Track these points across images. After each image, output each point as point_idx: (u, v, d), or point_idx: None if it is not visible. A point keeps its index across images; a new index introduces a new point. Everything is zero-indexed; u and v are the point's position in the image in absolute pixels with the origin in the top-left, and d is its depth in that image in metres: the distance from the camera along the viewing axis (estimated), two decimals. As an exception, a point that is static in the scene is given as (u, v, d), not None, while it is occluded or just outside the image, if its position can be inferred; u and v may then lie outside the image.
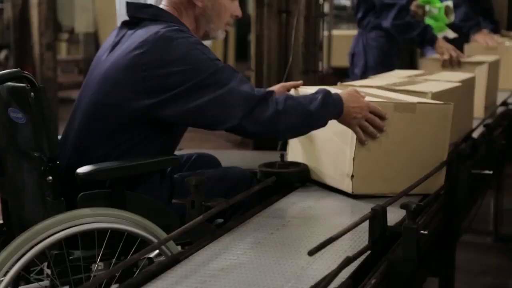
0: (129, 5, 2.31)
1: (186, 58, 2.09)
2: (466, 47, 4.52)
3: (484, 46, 4.61)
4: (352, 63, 4.51)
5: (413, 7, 4.46)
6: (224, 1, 2.31)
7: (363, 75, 4.28)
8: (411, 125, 2.23)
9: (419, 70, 3.24)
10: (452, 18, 4.55)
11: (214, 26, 2.32)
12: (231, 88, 2.07)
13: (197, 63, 2.09)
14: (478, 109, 3.48)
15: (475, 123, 3.21)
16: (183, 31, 2.18)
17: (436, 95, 2.50)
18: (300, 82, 2.54)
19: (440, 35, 4.43)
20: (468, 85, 2.95)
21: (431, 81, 2.79)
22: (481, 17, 5.27)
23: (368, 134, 2.20)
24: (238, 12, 2.35)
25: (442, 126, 2.26)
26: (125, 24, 2.31)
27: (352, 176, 2.23)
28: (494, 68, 3.80)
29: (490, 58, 3.83)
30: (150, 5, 2.33)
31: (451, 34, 4.63)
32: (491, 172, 2.61)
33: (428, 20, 4.50)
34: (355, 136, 2.22)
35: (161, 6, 2.31)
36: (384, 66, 4.30)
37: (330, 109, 2.16)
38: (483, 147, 2.85)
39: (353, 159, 2.22)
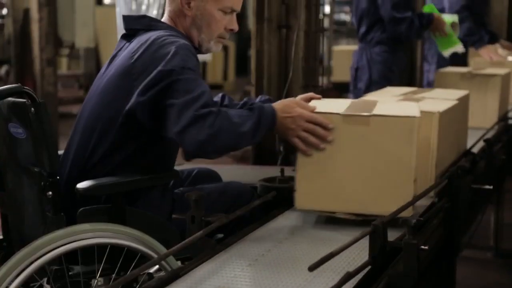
0: (124, 18, 2.36)
1: (168, 62, 2.10)
2: (472, 61, 4.53)
3: (491, 61, 4.63)
4: (356, 78, 4.52)
5: None
6: (213, 11, 2.29)
7: (367, 89, 4.30)
8: (366, 139, 2.03)
9: (410, 88, 3.12)
10: (456, 34, 4.56)
11: (204, 36, 2.31)
12: (186, 100, 2.04)
13: (173, 67, 2.09)
14: (492, 121, 3.52)
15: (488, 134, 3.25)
16: (172, 36, 2.20)
17: (442, 115, 2.37)
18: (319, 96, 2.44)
19: (450, 50, 4.49)
20: (464, 103, 2.85)
21: (429, 99, 2.67)
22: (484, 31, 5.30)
23: (310, 145, 2.08)
24: (233, 26, 2.33)
25: (405, 141, 2.00)
26: (123, 37, 2.35)
27: (295, 190, 2.11)
28: (506, 81, 3.82)
29: (502, 71, 3.82)
30: (144, 16, 2.37)
31: (461, 49, 4.66)
32: (491, 187, 2.61)
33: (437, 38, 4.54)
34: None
35: (154, 13, 2.35)
36: (388, 80, 4.31)
37: (263, 124, 2.09)
38: (483, 162, 2.84)
39: (296, 172, 2.10)
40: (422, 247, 1.75)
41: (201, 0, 2.28)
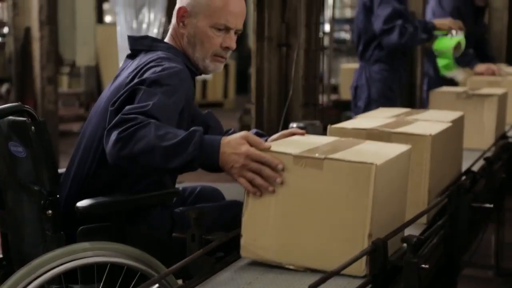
0: (129, 39, 2.37)
1: (149, 81, 2.08)
2: (469, 81, 4.48)
3: (487, 78, 4.56)
4: (355, 96, 4.53)
5: None
6: (205, 29, 2.26)
7: (367, 108, 4.31)
8: (318, 184, 1.81)
9: (404, 109, 2.96)
10: (459, 53, 4.56)
11: (199, 55, 2.29)
12: (127, 108, 1.99)
13: (146, 77, 2.08)
14: (488, 142, 3.44)
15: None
16: (169, 59, 2.19)
17: (435, 138, 2.29)
18: (302, 132, 2.28)
19: (449, 75, 4.51)
20: (458, 125, 2.75)
21: (422, 121, 2.56)
22: (473, 50, 5.31)
23: (257, 186, 1.86)
24: (228, 43, 2.29)
25: (361, 190, 1.77)
26: (128, 57, 2.37)
27: (241, 235, 1.91)
28: (503, 101, 3.73)
29: (499, 91, 3.74)
30: (146, 37, 2.37)
31: (460, 76, 4.68)
32: (491, 205, 2.60)
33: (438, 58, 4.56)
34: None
35: (155, 32, 2.36)
36: (387, 99, 4.32)
37: (190, 150, 1.89)
38: (483, 181, 2.84)
39: (242, 216, 1.89)
40: (423, 265, 1.75)
41: (193, 17, 2.27)
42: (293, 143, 2.02)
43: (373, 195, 1.76)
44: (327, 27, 8.40)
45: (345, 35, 10.54)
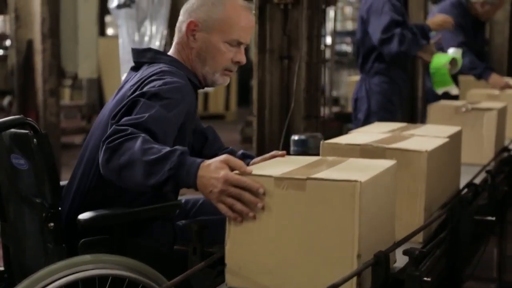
0: (133, 51, 2.37)
1: (149, 94, 2.07)
2: (467, 94, 4.44)
3: (486, 92, 4.52)
4: (356, 108, 4.53)
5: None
6: (219, 44, 2.26)
7: (366, 120, 4.31)
8: (301, 206, 1.74)
9: (401, 123, 2.89)
10: (456, 69, 4.56)
11: (209, 69, 2.29)
12: (128, 119, 1.99)
13: (146, 90, 2.08)
14: (488, 157, 3.37)
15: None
16: (172, 73, 2.19)
17: (431, 154, 2.21)
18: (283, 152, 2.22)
19: (443, 89, 4.51)
20: (456, 140, 2.66)
21: (418, 136, 2.49)
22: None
23: (237, 212, 1.79)
24: (240, 58, 2.30)
25: (347, 209, 1.70)
26: (132, 69, 2.37)
27: (225, 264, 1.84)
28: (502, 115, 3.65)
29: (498, 104, 3.66)
30: (149, 49, 2.37)
31: (455, 91, 4.68)
32: (494, 218, 2.60)
33: (432, 70, 4.54)
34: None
35: (157, 44, 2.36)
36: (387, 111, 4.32)
37: (167, 169, 1.83)
38: (485, 193, 2.84)
39: (225, 244, 1.83)
40: (425, 278, 1.74)
41: (206, 32, 2.27)
42: (274, 165, 1.97)
43: (359, 213, 1.69)
44: (328, 40, 8.41)
45: (347, 48, 10.56)
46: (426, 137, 2.46)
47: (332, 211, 1.72)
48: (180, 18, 2.33)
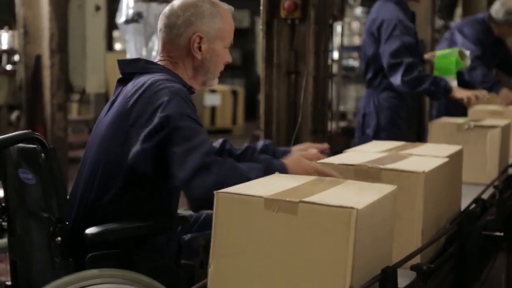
0: (119, 63, 2.38)
1: (164, 108, 2.12)
2: (470, 110, 4.37)
3: (490, 108, 4.43)
4: (363, 124, 4.52)
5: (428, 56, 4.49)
6: (221, 51, 2.37)
7: (376, 135, 4.31)
8: (293, 231, 1.63)
9: (399, 142, 2.78)
10: (468, 62, 4.48)
11: (211, 75, 2.38)
12: (188, 148, 2.07)
13: (171, 113, 2.12)
14: (492, 176, 3.28)
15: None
16: (168, 80, 2.23)
17: (428, 176, 2.10)
18: (326, 145, 2.53)
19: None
20: (456, 160, 2.55)
21: (416, 156, 2.40)
22: (499, 70, 5.34)
23: None
24: (229, 58, 2.41)
25: (340, 238, 1.59)
26: (119, 82, 2.37)
27: None
28: (506, 132, 3.54)
29: (502, 122, 3.54)
30: (138, 59, 2.40)
31: (454, 84, 4.62)
32: (502, 233, 2.59)
33: (437, 60, 4.44)
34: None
35: (158, 57, 2.37)
36: (395, 126, 4.31)
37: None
38: (493, 209, 2.83)
39: (208, 267, 1.74)
40: (433, 294, 1.73)
41: (210, 42, 2.34)
42: (266, 183, 1.85)
43: (354, 243, 1.58)
44: (335, 55, 8.43)
45: (354, 62, 10.57)
46: (424, 157, 2.37)
47: (324, 239, 1.60)
48: (169, 30, 2.33)
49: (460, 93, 4.09)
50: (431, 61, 4.43)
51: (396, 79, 4.18)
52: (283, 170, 2.11)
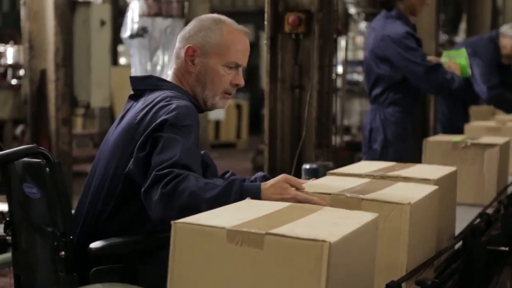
0: (131, 79, 2.40)
1: (162, 118, 2.12)
2: (466, 128, 4.21)
3: (486, 124, 4.29)
4: (370, 139, 4.52)
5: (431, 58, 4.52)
6: (217, 67, 2.31)
7: (383, 150, 4.32)
8: (259, 266, 1.44)
9: (389, 163, 2.54)
10: (469, 72, 4.52)
11: (209, 93, 2.33)
12: (156, 161, 2.02)
13: (164, 122, 2.10)
14: (489, 197, 3.09)
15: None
16: (177, 97, 2.23)
17: (415, 207, 1.85)
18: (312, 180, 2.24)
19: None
20: (449, 183, 2.33)
21: (404, 181, 2.16)
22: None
23: None
24: (238, 81, 2.34)
25: (312, 275, 1.40)
26: (131, 97, 2.39)
27: None
28: (505, 151, 3.32)
29: (500, 140, 3.32)
30: (150, 76, 2.41)
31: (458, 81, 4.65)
32: (507, 248, 2.58)
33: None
34: None
35: (169, 74, 2.38)
36: (402, 141, 4.31)
37: (232, 199, 1.89)
38: (498, 224, 2.82)
39: None
40: (438, 309, 1.72)
41: (204, 56, 2.31)
42: (234, 211, 1.65)
43: (327, 281, 1.39)
44: (340, 69, 8.44)
45: (358, 77, 10.58)
46: (412, 183, 2.13)
47: (294, 276, 1.42)
48: (177, 45, 2.38)
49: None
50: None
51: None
52: (256, 192, 1.93)
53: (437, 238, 2.15)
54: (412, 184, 2.10)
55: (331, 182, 2.09)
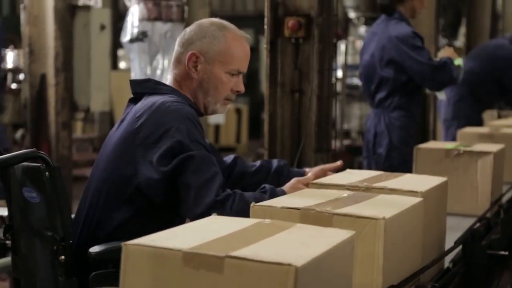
0: (131, 82, 2.41)
1: (175, 132, 2.14)
2: (459, 134, 4.11)
3: (479, 131, 4.18)
4: (374, 143, 4.52)
5: None
6: (221, 74, 2.32)
7: (388, 154, 4.35)
8: None
9: (375, 172, 2.34)
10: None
11: (211, 99, 2.34)
12: (203, 182, 2.10)
13: (183, 139, 2.13)
14: (483, 207, 2.95)
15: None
16: (178, 102, 2.24)
17: (390, 222, 1.67)
18: (339, 163, 2.53)
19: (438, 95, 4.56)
20: (439, 194, 2.17)
21: (386, 194, 1.99)
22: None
23: None
24: (239, 87, 2.36)
25: None
26: (130, 101, 2.40)
27: None
28: (499, 159, 3.14)
29: (494, 147, 3.15)
30: (148, 80, 2.41)
31: (442, 96, 4.68)
32: (507, 253, 2.57)
33: None
34: None
35: (168, 78, 2.39)
36: (407, 145, 4.31)
37: None
38: (498, 228, 2.81)
39: None
40: (438, 314, 1.71)
41: (208, 63, 2.32)
42: (194, 230, 1.49)
43: None
44: (339, 73, 8.45)
45: (358, 81, 10.58)
46: (396, 195, 1.97)
47: None
48: (178, 49, 2.37)
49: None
50: None
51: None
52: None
53: (423, 253, 1.96)
54: (395, 197, 1.92)
55: (307, 195, 1.93)
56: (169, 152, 2.11)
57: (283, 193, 2.18)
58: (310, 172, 2.52)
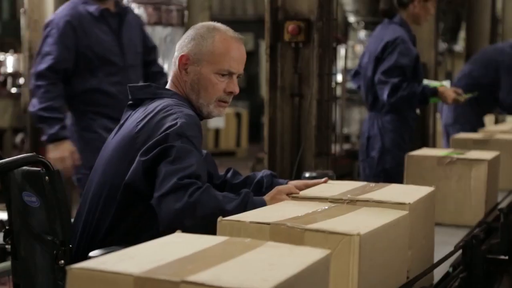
0: (130, 88, 2.39)
1: (168, 128, 2.12)
2: (451, 140, 4.04)
3: (473, 137, 4.09)
4: (368, 147, 4.52)
5: None
6: (209, 75, 2.31)
7: (381, 158, 4.34)
8: None
9: (360, 183, 2.24)
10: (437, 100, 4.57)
11: (203, 101, 2.33)
12: (174, 169, 2.05)
13: (171, 132, 2.11)
14: (477, 217, 2.88)
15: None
16: (178, 105, 2.23)
17: (367, 238, 1.55)
18: (324, 180, 2.31)
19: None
20: (426, 205, 2.05)
21: (373, 203, 1.90)
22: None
23: None
24: (232, 88, 2.33)
25: None
26: (129, 106, 2.39)
27: None
28: (494, 166, 3.05)
29: (489, 154, 3.05)
30: (149, 85, 2.40)
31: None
32: (507, 257, 2.57)
33: None
34: None
35: (168, 83, 2.39)
36: (400, 149, 4.31)
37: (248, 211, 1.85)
38: (498, 233, 2.81)
39: None
40: (438, 319, 1.71)
41: (196, 64, 2.32)
42: (156, 249, 1.37)
43: None
44: (339, 77, 8.45)
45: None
46: (380, 208, 1.86)
47: None
48: (175, 53, 2.38)
49: (443, 94, 4.26)
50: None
51: (383, 98, 4.28)
52: (262, 206, 2.04)
53: (411, 267, 1.88)
54: (378, 210, 1.81)
55: (282, 208, 1.83)
56: (154, 144, 2.10)
57: (262, 201, 2.12)
58: (292, 183, 2.34)
